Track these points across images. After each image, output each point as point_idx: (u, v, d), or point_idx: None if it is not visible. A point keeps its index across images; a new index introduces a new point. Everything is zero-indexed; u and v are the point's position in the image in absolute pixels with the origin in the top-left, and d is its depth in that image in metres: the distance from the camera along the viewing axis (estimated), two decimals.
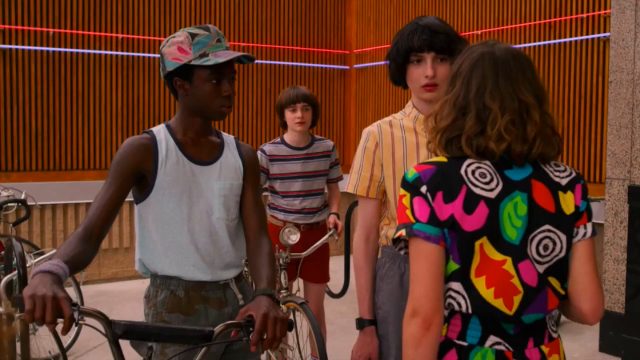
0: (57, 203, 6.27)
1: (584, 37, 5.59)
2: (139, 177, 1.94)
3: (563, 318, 5.38)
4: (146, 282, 2.14)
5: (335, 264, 4.85)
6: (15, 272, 3.46)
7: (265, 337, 1.59)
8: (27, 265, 3.33)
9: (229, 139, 2.11)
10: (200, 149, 2.02)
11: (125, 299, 5.86)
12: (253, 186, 2.07)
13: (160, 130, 2.00)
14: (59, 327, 1.44)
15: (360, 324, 2.11)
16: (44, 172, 6.32)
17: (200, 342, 1.60)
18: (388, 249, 2.12)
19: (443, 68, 2.00)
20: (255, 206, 2.05)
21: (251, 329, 1.60)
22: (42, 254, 4.31)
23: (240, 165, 2.06)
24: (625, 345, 4.08)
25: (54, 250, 3.98)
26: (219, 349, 1.99)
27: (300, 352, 3.22)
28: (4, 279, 3.41)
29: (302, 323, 3.23)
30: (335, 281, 5.10)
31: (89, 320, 1.51)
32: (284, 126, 3.65)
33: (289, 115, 3.57)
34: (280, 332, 1.61)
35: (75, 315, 1.45)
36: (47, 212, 6.23)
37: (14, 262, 3.58)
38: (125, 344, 1.62)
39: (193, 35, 1.94)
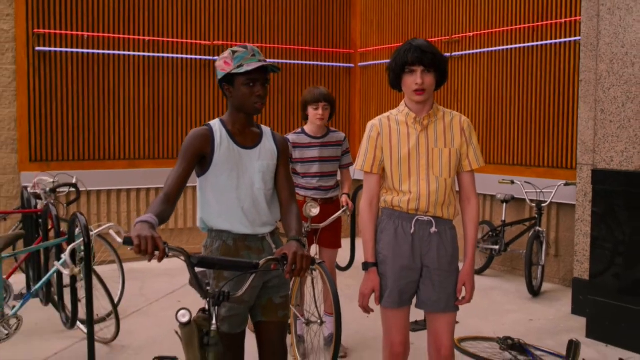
0: (91, 190, 6.94)
1: (561, 40, 6.16)
2: (201, 158, 2.61)
3: (545, 287, 6.05)
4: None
5: (342, 243, 5.48)
6: (78, 241, 4.13)
7: (295, 268, 2.28)
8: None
9: (266, 129, 2.79)
10: (245, 137, 2.69)
11: (155, 275, 6.53)
12: (285, 166, 2.74)
13: (215, 123, 2.68)
14: (155, 258, 2.11)
15: (366, 266, 2.80)
16: (80, 161, 6.97)
17: (250, 269, 2.29)
18: (386, 210, 2.82)
19: (429, 78, 2.69)
20: (286, 180, 2.72)
21: (285, 262, 2.29)
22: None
23: (275, 150, 2.73)
24: (590, 305, 4.77)
25: (109, 224, 4.65)
26: (258, 283, 2.67)
27: (316, 304, 3.90)
28: (69, 247, 4.07)
29: (318, 282, 3.91)
30: (342, 258, 5.75)
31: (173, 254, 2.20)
32: (305, 118, 4.38)
33: (311, 111, 4.29)
34: (306, 265, 2.30)
35: (167, 249, 2.14)
36: (82, 197, 6.89)
37: (77, 233, 4.25)
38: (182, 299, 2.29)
39: (234, 52, 2.62)
